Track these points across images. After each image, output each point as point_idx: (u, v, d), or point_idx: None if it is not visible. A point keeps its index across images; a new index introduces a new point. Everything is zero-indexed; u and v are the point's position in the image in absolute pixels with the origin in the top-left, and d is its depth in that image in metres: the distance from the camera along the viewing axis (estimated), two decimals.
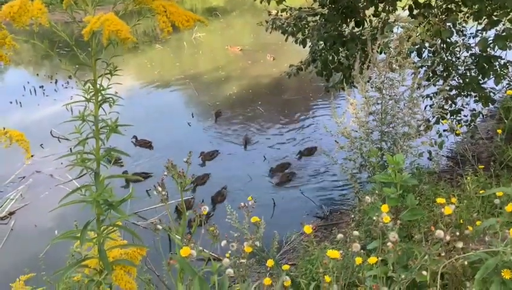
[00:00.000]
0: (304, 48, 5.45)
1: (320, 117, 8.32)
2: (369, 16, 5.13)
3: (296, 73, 5.60)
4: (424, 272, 1.62)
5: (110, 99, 1.03)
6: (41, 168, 6.66)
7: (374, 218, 1.91)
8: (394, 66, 2.79)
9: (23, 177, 6.48)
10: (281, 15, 5.57)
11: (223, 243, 2.07)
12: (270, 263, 2.36)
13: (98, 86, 1.04)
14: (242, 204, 2.41)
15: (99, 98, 1.01)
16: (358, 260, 1.83)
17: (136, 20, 0.96)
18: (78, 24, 0.96)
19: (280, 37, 6.04)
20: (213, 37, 14.50)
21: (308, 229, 1.98)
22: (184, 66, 11.74)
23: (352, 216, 2.35)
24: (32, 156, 0.95)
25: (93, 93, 1.01)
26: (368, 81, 2.98)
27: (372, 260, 1.67)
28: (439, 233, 1.53)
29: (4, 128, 1.07)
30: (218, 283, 0.85)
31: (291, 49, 11.79)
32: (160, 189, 1.58)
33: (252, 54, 12.35)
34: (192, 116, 8.49)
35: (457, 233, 1.70)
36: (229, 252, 1.87)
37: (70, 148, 5.28)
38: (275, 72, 10.56)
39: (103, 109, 1.04)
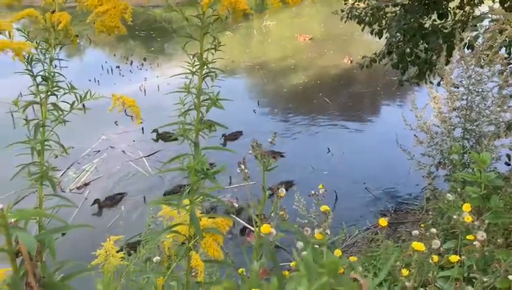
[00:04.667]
0: (379, 39, 5.28)
1: (390, 112, 8.09)
2: (454, 8, 4.86)
3: (369, 65, 5.44)
4: (511, 277, 1.53)
5: (213, 73, 1.07)
6: (114, 144, 7.06)
7: (454, 217, 1.83)
8: (483, 60, 2.63)
9: (98, 151, 6.90)
10: (358, 4, 5.43)
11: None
12: (337, 252, 2.35)
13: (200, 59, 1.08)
14: (312, 192, 2.40)
15: (204, 71, 1.05)
16: (435, 258, 1.76)
17: None
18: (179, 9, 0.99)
19: (350, 28, 5.93)
20: (283, 26, 14.47)
21: (383, 221, 1.94)
22: (253, 53, 11.83)
23: (430, 213, 2.27)
24: (141, 122, 1.01)
25: (198, 66, 1.05)
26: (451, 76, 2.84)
27: (454, 258, 1.60)
28: None
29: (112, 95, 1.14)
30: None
31: (361, 40, 11.51)
32: (243, 167, 1.61)
33: (321, 43, 12.19)
34: (258, 104, 8.55)
35: None
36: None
37: (142, 127, 5.53)
38: (344, 63, 10.37)
39: (206, 83, 1.08)
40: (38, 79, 1.08)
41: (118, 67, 10.56)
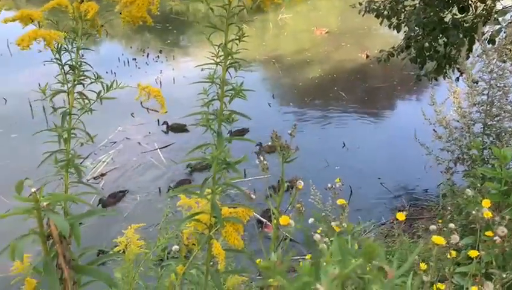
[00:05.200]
0: (398, 32, 5.23)
1: (407, 107, 8.02)
2: (475, 2, 4.78)
3: (386, 59, 5.39)
4: None
5: (236, 64, 1.07)
6: (130, 136, 7.13)
7: (473, 212, 1.82)
8: (505, 55, 2.59)
9: (115, 142, 6.96)
10: None
11: (311, 220, 2.09)
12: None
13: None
14: (329, 185, 2.40)
15: (228, 62, 1.06)
16: (453, 253, 1.75)
17: None
18: None
19: (367, 22, 5.87)
20: (299, 19, 14.37)
21: (401, 215, 1.93)
22: (268, 46, 11.77)
23: (449, 208, 2.26)
24: (166, 112, 1.03)
25: (222, 56, 1.05)
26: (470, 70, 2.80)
27: (473, 253, 1.59)
28: None
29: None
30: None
31: (378, 34, 11.38)
32: (262, 158, 1.62)
33: (338, 37, 12.07)
34: (273, 97, 8.53)
35: None
36: (320, 229, 1.88)
37: (158, 119, 5.57)
38: (360, 57, 10.27)
39: (229, 73, 1.09)
40: (66, 68, 1.10)
41: (134, 59, 10.61)
